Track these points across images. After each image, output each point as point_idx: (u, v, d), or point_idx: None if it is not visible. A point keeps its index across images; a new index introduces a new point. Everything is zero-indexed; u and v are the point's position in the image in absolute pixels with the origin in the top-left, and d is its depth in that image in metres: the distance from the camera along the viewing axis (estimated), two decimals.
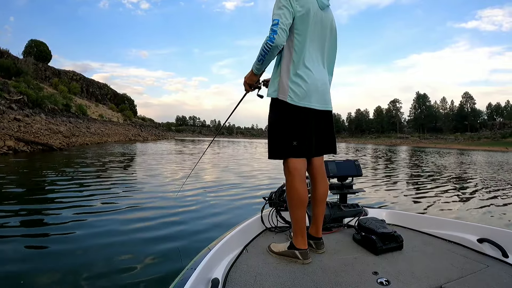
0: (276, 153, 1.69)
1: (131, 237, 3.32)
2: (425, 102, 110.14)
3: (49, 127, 19.05)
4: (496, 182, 9.07)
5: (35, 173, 7.42)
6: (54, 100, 28.13)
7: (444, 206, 5.55)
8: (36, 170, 8.10)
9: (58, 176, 7.09)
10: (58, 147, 14.26)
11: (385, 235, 1.72)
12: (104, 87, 69.53)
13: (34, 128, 16.45)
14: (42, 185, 6.16)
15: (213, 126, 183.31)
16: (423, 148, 48.64)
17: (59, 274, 2.44)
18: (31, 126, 16.57)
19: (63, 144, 15.81)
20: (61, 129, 20.43)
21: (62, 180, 6.56)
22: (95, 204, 4.67)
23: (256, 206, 4.17)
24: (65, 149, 14.84)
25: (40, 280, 2.35)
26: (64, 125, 23.51)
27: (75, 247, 2.99)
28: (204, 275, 1.25)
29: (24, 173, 7.48)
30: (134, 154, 15.22)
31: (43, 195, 5.28)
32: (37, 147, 13.19)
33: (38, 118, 20.12)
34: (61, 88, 40.99)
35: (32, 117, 19.46)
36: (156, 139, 46.05)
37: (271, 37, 1.50)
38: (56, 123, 22.15)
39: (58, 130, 19.59)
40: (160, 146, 26.24)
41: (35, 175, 7.19)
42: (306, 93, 1.62)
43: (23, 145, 12.66)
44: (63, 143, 16.35)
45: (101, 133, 29.60)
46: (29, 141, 13.23)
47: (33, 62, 46.05)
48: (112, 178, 7.16)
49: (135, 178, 7.41)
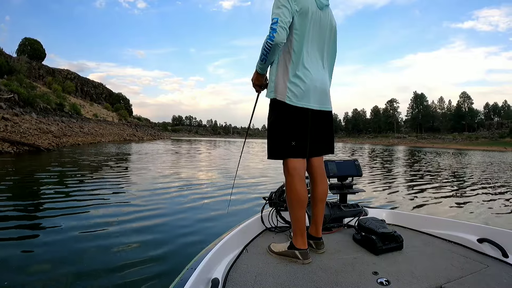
0: (275, 153, 1.70)
1: (130, 237, 3.31)
2: (422, 102, 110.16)
3: (39, 126, 18.43)
4: (496, 182, 9.00)
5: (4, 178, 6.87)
6: (47, 99, 27.68)
7: (444, 206, 5.52)
8: (8, 174, 7.54)
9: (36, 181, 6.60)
10: (46, 148, 13.61)
11: (385, 235, 1.71)
12: (99, 86, 68.89)
13: (23, 128, 15.84)
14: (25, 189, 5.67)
15: (209, 126, 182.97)
16: (421, 148, 48.65)
17: (58, 274, 2.43)
18: (19, 125, 15.96)
19: (52, 145, 15.24)
20: (52, 129, 19.84)
21: (44, 184, 6.09)
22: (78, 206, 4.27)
23: (257, 208, 4.10)
24: (53, 150, 14.20)
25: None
26: (56, 124, 22.91)
27: (69, 249, 2.95)
28: (204, 275, 1.24)
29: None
30: (127, 154, 14.66)
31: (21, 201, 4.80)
32: (23, 148, 12.60)
33: (28, 117, 19.51)
34: (55, 87, 40.50)
35: (21, 116, 18.86)
36: (151, 139, 45.48)
37: (271, 36, 1.50)
38: (47, 123, 21.57)
39: (49, 130, 19.00)
40: (156, 146, 25.76)
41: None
42: (305, 94, 1.62)
43: (8, 145, 12.06)
44: (53, 144, 15.80)
45: (95, 133, 29.04)
46: (15, 141, 12.62)
47: (26, 60, 45.25)
48: (97, 181, 6.70)
49: (120, 180, 6.91)
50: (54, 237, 3.24)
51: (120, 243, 3.12)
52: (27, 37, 51.05)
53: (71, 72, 62.77)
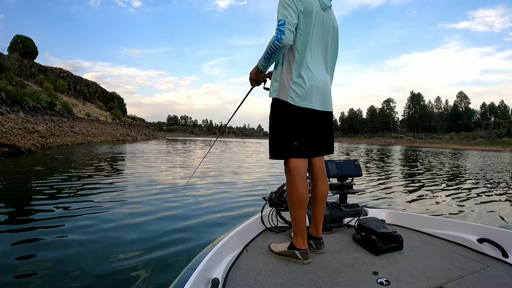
0: (277, 153, 1.69)
1: (130, 238, 3.27)
2: (419, 102, 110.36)
3: (24, 126, 17.59)
4: (496, 182, 8.92)
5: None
6: (37, 97, 26.83)
7: (444, 206, 5.51)
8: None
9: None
10: (28, 149, 12.75)
11: (385, 235, 1.70)
12: (92, 85, 67.99)
13: (6, 127, 15.02)
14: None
15: (204, 126, 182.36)
16: (418, 148, 48.55)
17: (57, 274, 2.41)
18: (2, 125, 15.13)
19: (36, 146, 14.41)
20: (38, 129, 19.00)
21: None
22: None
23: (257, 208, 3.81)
24: (37, 151, 13.33)
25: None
26: (44, 124, 22.10)
27: (67, 251, 2.89)
28: (204, 275, 1.24)
29: None
30: (117, 156, 13.89)
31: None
32: (3, 149, 11.76)
33: (13, 116, 18.65)
34: (47, 86, 39.66)
35: (7, 115, 18.01)
36: (146, 139, 44.69)
37: (279, 37, 1.49)
38: (34, 122, 20.75)
39: (35, 130, 18.15)
40: (150, 146, 24.99)
41: None
42: (307, 94, 1.62)
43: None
44: (37, 144, 14.99)
45: (86, 132, 28.26)
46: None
47: (17, 58, 44.09)
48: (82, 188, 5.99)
49: (100, 186, 6.18)
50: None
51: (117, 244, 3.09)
52: (18, 34, 50.06)
53: (64, 70, 61.82)
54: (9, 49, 47.72)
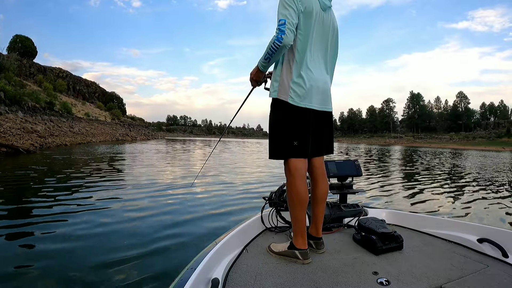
0: (277, 153, 1.69)
1: (129, 237, 3.28)
2: (419, 102, 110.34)
3: (23, 126, 17.53)
4: (496, 182, 8.89)
5: None
6: (36, 97, 26.75)
7: (444, 206, 5.48)
8: None
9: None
10: (27, 149, 12.66)
11: (385, 235, 1.70)
12: (92, 85, 67.92)
13: (4, 127, 14.97)
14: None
15: (204, 126, 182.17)
16: (418, 148, 48.56)
17: (55, 274, 2.39)
18: (0, 125, 15.05)
19: (35, 146, 14.32)
20: (37, 128, 18.94)
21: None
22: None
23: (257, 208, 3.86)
24: (35, 151, 13.24)
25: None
26: (43, 124, 22.05)
27: (66, 248, 2.90)
28: (204, 275, 1.24)
29: None
30: (116, 156, 13.85)
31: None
32: (1, 149, 11.67)
33: (12, 116, 18.60)
34: (46, 85, 39.58)
35: (5, 115, 17.96)
36: (145, 139, 44.56)
37: (279, 37, 1.50)
38: (33, 122, 20.70)
39: (34, 130, 18.09)
40: (149, 146, 24.94)
41: None
42: (307, 94, 1.63)
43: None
44: (36, 144, 14.90)
45: (85, 132, 28.17)
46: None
47: (16, 58, 44.02)
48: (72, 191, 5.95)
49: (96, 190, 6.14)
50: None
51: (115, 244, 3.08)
52: (18, 34, 49.94)
53: (63, 70, 61.73)
54: (8, 49, 47.64)
